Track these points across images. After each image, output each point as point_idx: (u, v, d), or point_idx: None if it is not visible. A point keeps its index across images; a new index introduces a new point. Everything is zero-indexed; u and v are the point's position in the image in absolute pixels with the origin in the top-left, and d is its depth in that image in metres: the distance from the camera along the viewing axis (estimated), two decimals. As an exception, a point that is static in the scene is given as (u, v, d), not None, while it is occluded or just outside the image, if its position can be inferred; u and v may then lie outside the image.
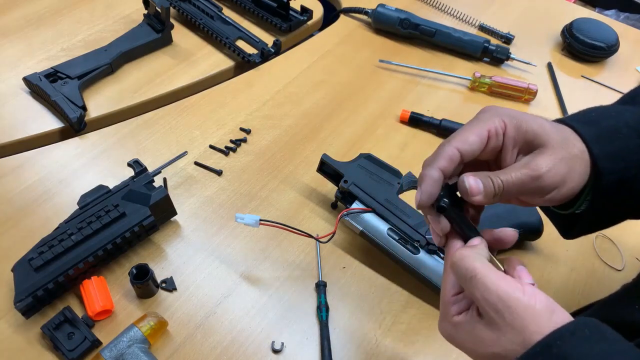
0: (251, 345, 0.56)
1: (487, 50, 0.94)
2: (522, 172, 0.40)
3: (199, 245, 0.65)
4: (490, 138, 0.41)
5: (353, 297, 0.61)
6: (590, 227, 0.48)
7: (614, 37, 0.97)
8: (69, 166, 0.72)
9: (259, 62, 0.90)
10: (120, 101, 0.82)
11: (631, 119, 0.43)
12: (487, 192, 0.40)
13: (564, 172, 0.40)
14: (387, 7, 0.97)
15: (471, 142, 0.41)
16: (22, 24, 0.93)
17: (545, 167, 0.39)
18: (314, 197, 0.71)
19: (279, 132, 0.80)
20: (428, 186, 0.41)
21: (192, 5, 0.97)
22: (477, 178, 0.40)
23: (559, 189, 0.40)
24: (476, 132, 0.41)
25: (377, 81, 0.90)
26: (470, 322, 0.37)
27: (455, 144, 0.41)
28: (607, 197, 0.43)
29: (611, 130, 0.42)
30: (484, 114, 0.42)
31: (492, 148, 0.42)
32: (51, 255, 0.57)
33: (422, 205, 0.42)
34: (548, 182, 0.40)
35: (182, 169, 0.73)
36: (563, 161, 0.40)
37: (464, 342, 0.38)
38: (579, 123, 0.43)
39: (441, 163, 0.40)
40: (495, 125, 0.41)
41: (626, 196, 0.44)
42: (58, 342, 0.53)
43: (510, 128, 0.41)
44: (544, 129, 0.41)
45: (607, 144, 0.41)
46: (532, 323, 0.34)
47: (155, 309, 0.58)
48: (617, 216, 0.48)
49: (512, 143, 0.42)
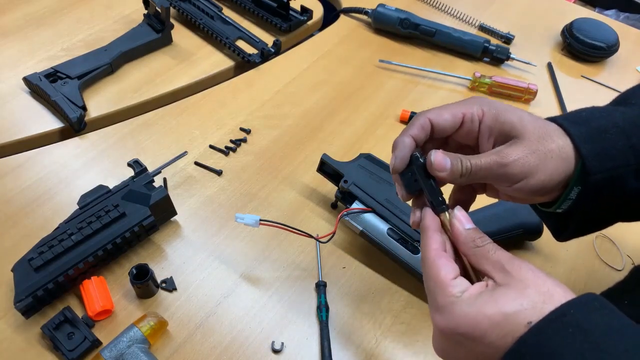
0: (251, 345, 0.56)
1: (487, 50, 0.94)
2: (490, 158, 0.41)
3: (199, 245, 0.65)
4: (465, 121, 0.44)
5: (353, 297, 0.61)
6: (580, 229, 0.48)
7: (614, 37, 0.97)
8: (69, 166, 0.72)
9: (259, 62, 0.90)
10: (120, 101, 0.82)
11: (621, 119, 0.44)
12: (453, 170, 0.42)
13: (533, 164, 0.41)
14: (387, 7, 0.97)
15: (444, 118, 0.43)
16: (22, 24, 0.93)
17: (514, 156, 0.41)
18: (314, 197, 0.71)
19: (279, 132, 0.80)
20: (400, 151, 0.43)
21: (192, 5, 0.97)
22: (446, 156, 0.42)
23: (526, 179, 0.41)
24: (451, 111, 0.44)
25: (377, 81, 0.90)
26: (486, 291, 0.36)
27: (428, 114, 0.44)
28: (595, 196, 0.43)
29: (600, 130, 0.43)
30: (467, 100, 0.45)
31: (467, 132, 0.44)
32: (51, 255, 0.57)
33: (396, 169, 0.44)
34: (515, 171, 0.41)
35: (182, 169, 0.73)
36: (535, 154, 0.41)
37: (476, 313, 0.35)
38: (569, 122, 0.44)
39: (413, 131, 0.43)
40: (472, 111, 0.43)
41: (614, 196, 0.44)
42: (58, 342, 0.53)
43: (488, 117, 0.43)
44: (521, 121, 0.42)
45: (595, 144, 0.42)
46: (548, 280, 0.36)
47: (155, 309, 0.58)
48: (606, 218, 0.48)
49: (488, 131, 0.44)
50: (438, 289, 0.38)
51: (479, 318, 0.34)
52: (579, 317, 0.32)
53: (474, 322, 0.35)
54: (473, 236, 0.39)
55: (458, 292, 0.37)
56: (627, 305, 0.45)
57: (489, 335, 0.34)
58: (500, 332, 0.34)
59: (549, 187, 0.43)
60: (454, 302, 0.36)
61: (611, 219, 0.49)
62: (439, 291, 0.37)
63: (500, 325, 0.34)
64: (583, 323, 0.32)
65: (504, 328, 0.34)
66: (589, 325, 0.32)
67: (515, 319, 0.33)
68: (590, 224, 0.48)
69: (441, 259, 0.39)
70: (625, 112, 0.45)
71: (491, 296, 0.35)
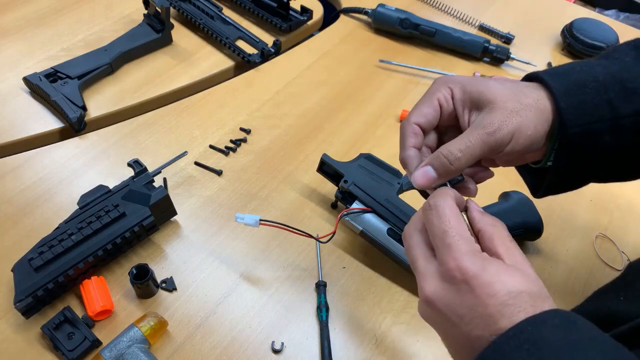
0: (251, 345, 0.56)
1: (487, 50, 0.94)
2: (477, 133, 0.42)
3: (199, 245, 0.65)
4: (442, 106, 0.45)
5: (353, 297, 0.61)
6: (555, 185, 0.49)
7: (614, 37, 0.97)
8: (69, 166, 0.72)
9: (259, 62, 0.90)
10: (120, 101, 0.82)
11: (601, 73, 0.44)
12: (445, 172, 0.43)
13: (517, 122, 0.42)
14: (387, 7, 0.97)
15: (425, 114, 0.45)
16: (22, 24, 0.93)
17: (498, 120, 0.42)
18: (314, 197, 0.71)
19: (279, 132, 0.80)
20: (413, 166, 0.45)
21: (192, 5, 0.97)
22: (425, 170, 0.43)
23: (515, 139, 0.42)
24: (428, 104, 0.46)
25: (377, 81, 0.90)
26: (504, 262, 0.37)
27: (413, 119, 0.46)
28: (572, 150, 0.44)
29: (579, 84, 0.44)
30: (434, 85, 0.47)
31: (448, 114, 0.46)
32: (51, 255, 0.57)
33: (420, 185, 0.44)
34: (503, 135, 0.42)
35: (182, 169, 0.73)
36: (514, 113, 0.42)
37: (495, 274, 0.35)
38: (548, 75, 0.45)
39: (410, 142, 0.45)
40: (442, 93, 0.45)
41: (590, 151, 0.45)
42: (58, 342, 0.53)
43: (457, 92, 0.45)
44: (488, 87, 0.44)
45: (573, 97, 0.43)
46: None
47: (155, 309, 0.58)
48: (582, 174, 0.48)
49: (461, 105, 0.45)
50: (463, 234, 0.38)
51: (497, 279, 0.35)
52: (536, 334, 0.32)
53: (492, 281, 0.35)
54: (487, 217, 0.41)
55: (479, 248, 0.38)
56: (622, 301, 0.45)
57: (497, 297, 0.34)
58: (506, 300, 0.34)
59: (537, 141, 0.44)
60: (476, 255, 0.37)
61: (585, 177, 0.49)
62: (464, 238, 0.37)
63: (510, 294, 0.34)
64: (538, 340, 0.32)
65: (512, 299, 0.34)
66: (545, 341, 0.32)
67: (523, 296, 0.34)
68: (566, 179, 0.48)
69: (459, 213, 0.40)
70: (606, 67, 0.45)
71: (508, 268, 0.36)
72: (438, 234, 0.38)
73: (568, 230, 0.70)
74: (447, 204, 0.39)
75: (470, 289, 0.35)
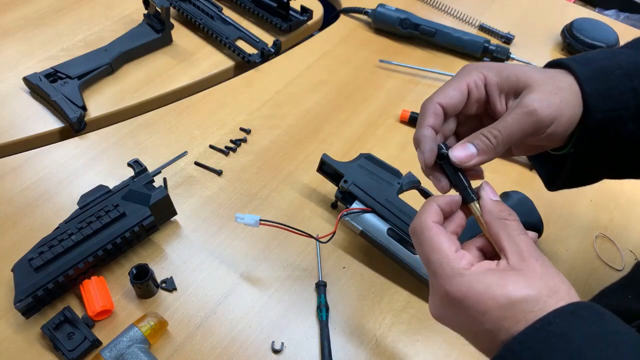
0: (251, 345, 0.56)
1: (487, 50, 0.94)
2: (516, 113, 0.41)
3: (199, 245, 0.65)
4: (471, 90, 0.43)
5: (353, 297, 0.61)
6: (574, 175, 0.48)
7: (614, 37, 0.97)
8: (69, 166, 0.72)
9: (259, 62, 0.90)
10: (120, 101, 0.82)
11: (625, 61, 0.44)
12: (485, 149, 0.41)
13: (557, 102, 0.41)
14: (387, 7, 0.97)
15: (451, 96, 0.43)
16: (22, 24, 0.93)
17: (537, 100, 0.41)
18: (314, 197, 0.71)
19: (279, 132, 0.80)
20: (427, 145, 0.42)
21: (192, 5, 0.97)
22: (464, 145, 0.42)
23: (557, 120, 0.41)
24: (455, 86, 0.43)
25: (377, 81, 0.90)
26: (497, 270, 0.36)
27: (436, 99, 0.43)
28: (594, 136, 0.43)
29: (604, 70, 0.43)
30: (463, 71, 0.45)
31: (476, 100, 0.44)
32: (51, 255, 0.57)
33: (428, 163, 0.43)
34: (544, 115, 0.41)
35: (182, 169, 0.73)
36: (553, 93, 0.41)
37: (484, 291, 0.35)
38: (574, 62, 0.44)
39: (429, 121, 0.43)
40: (473, 78, 0.43)
41: (612, 139, 0.44)
42: (58, 342, 0.53)
43: (491, 76, 0.43)
44: (524, 72, 0.43)
45: (598, 83, 0.42)
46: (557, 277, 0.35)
47: (155, 309, 0.58)
48: (601, 165, 0.48)
49: (497, 90, 0.43)
50: (444, 259, 0.37)
51: (485, 295, 0.35)
52: (563, 326, 0.32)
53: (480, 298, 0.35)
54: (500, 207, 0.40)
55: (465, 265, 0.37)
56: (630, 299, 0.45)
57: (490, 314, 0.34)
58: (502, 314, 0.34)
59: (574, 124, 0.42)
60: (462, 274, 0.36)
61: (603, 170, 0.49)
62: (445, 262, 0.37)
63: (504, 308, 0.34)
64: (567, 332, 0.32)
65: (507, 311, 0.34)
66: (573, 334, 0.32)
67: (520, 305, 0.34)
68: (582, 171, 0.48)
69: (440, 229, 0.39)
70: (630, 55, 0.45)
71: (501, 278, 0.35)
72: (424, 260, 0.39)
73: (568, 230, 0.70)
74: (425, 227, 0.39)
75: (463, 310, 0.36)
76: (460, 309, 0.36)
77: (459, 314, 0.37)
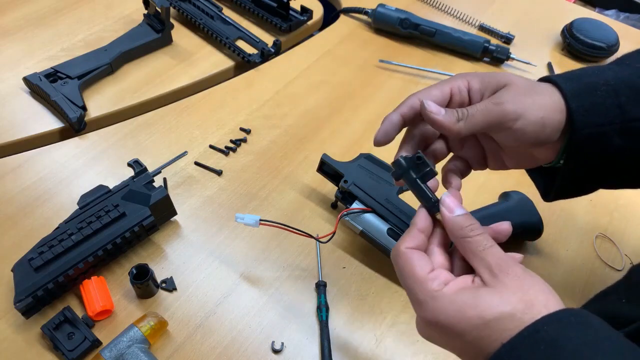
0: (251, 345, 0.56)
1: (487, 50, 0.94)
2: (485, 102, 0.44)
3: (199, 245, 0.65)
4: (454, 94, 0.46)
5: (353, 297, 0.61)
6: (567, 187, 0.49)
7: (614, 37, 0.97)
8: (69, 166, 0.72)
9: (259, 62, 0.90)
10: (120, 101, 0.82)
11: (612, 78, 0.45)
12: (450, 115, 0.43)
13: (528, 102, 0.43)
14: (387, 7, 0.97)
15: (433, 95, 0.45)
16: (22, 24, 0.93)
17: (507, 94, 0.43)
18: (314, 197, 0.71)
19: (279, 132, 0.80)
20: (386, 125, 0.46)
21: (192, 5, 0.97)
22: (438, 106, 0.44)
23: (524, 117, 0.43)
24: (439, 88, 0.46)
25: (377, 81, 0.90)
26: (470, 288, 0.36)
27: (418, 95, 0.46)
28: (582, 151, 0.44)
29: (590, 87, 0.44)
30: (452, 77, 0.48)
31: (459, 104, 0.46)
32: (51, 255, 0.57)
33: (377, 141, 0.47)
34: (509, 108, 0.43)
35: (182, 169, 0.73)
36: (525, 94, 0.43)
37: (456, 314, 0.35)
38: (560, 78, 0.45)
39: (402, 109, 0.46)
40: (457, 83, 0.46)
41: (600, 154, 0.45)
42: (58, 342, 0.53)
43: (474, 83, 0.46)
44: (505, 76, 0.45)
45: (584, 99, 0.44)
46: (533, 287, 0.35)
47: (155, 309, 0.58)
48: (593, 177, 0.49)
49: (479, 95, 0.46)
50: (416, 285, 0.38)
51: (458, 317, 0.35)
52: (551, 334, 0.32)
53: (454, 321, 0.35)
54: (462, 224, 0.39)
55: (437, 286, 0.37)
56: (625, 303, 0.45)
57: (467, 335, 0.35)
58: (477, 334, 0.34)
59: (546, 134, 0.44)
60: (435, 297, 0.37)
61: (596, 181, 0.50)
62: (417, 287, 0.38)
63: (479, 328, 0.34)
64: (556, 339, 0.32)
65: (482, 332, 0.34)
66: (562, 341, 0.32)
67: (494, 325, 0.34)
68: (575, 184, 0.49)
69: (413, 254, 0.39)
70: (617, 72, 0.46)
71: (474, 297, 0.35)
72: (403, 287, 0.40)
73: (568, 230, 0.70)
74: (397, 254, 0.40)
75: (442, 332, 0.37)
76: (439, 331, 0.37)
77: (441, 335, 0.38)
